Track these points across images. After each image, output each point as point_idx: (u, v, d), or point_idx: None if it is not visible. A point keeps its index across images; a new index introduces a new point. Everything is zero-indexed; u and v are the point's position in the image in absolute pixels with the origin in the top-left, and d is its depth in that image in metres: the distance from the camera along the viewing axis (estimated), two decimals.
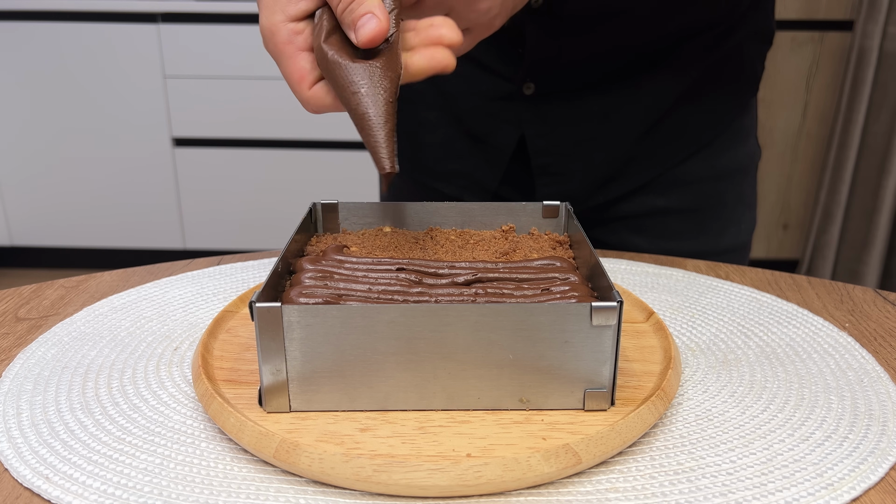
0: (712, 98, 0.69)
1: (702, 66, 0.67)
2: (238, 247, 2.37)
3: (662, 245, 0.73)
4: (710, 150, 0.71)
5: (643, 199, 0.72)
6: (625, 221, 0.74)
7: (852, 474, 0.35)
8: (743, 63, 0.70)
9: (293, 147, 2.25)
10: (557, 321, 0.37)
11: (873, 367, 0.46)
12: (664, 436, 0.39)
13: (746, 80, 0.72)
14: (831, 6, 2.16)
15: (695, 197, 0.72)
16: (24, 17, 2.13)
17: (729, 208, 0.74)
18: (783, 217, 2.37)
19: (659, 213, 0.73)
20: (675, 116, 0.69)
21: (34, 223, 2.36)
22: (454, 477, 0.33)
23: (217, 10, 2.10)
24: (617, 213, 0.74)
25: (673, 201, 0.72)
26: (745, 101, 0.72)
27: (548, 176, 0.71)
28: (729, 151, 0.72)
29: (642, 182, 0.72)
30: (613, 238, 0.74)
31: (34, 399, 0.42)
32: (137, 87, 2.19)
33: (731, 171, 0.73)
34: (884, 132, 2.14)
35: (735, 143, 0.72)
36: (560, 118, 0.69)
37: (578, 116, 0.69)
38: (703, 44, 0.66)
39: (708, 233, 0.74)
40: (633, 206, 0.73)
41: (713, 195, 0.73)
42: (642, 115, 0.69)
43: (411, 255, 0.46)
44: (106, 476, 0.35)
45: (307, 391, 0.38)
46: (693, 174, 0.72)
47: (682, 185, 0.72)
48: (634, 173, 0.71)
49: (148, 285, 0.59)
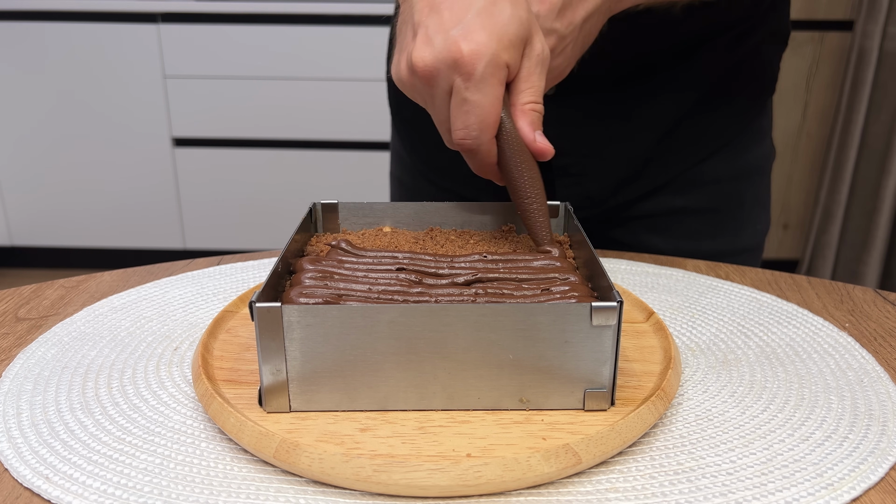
0: (731, 99, 0.69)
1: (722, 66, 0.68)
2: (238, 247, 2.37)
3: (680, 245, 0.73)
4: (728, 151, 0.71)
5: (661, 198, 0.73)
6: (642, 221, 0.74)
7: (852, 474, 0.35)
8: (762, 64, 0.70)
9: (293, 147, 2.25)
10: (557, 321, 0.37)
11: (873, 367, 0.46)
12: (664, 436, 0.39)
13: (764, 81, 0.72)
14: (831, 6, 2.16)
15: (713, 197, 0.73)
16: (25, 17, 2.13)
17: (746, 208, 0.74)
18: (783, 217, 2.37)
19: (677, 212, 0.73)
20: (695, 117, 0.69)
21: (34, 223, 2.36)
22: (454, 477, 0.33)
23: (217, 10, 2.10)
24: (635, 213, 0.74)
25: (691, 201, 0.72)
26: (763, 101, 0.73)
27: (569, 177, 0.71)
28: (747, 152, 0.72)
29: (661, 182, 0.72)
30: (631, 238, 0.75)
31: (34, 399, 0.42)
32: (137, 87, 2.19)
33: (749, 172, 0.73)
34: (884, 132, 2.14)
35: (752, 144, 0.73)
36: (581, 119, 0.69)
37: (599, 117, 0.69)
38: (723, 45, 0.67)
39: (725, 233, 0.74)
40: (652, 206, 0.73)
41: (731, 195, 0.73)
42: (662, 116, 0.69)
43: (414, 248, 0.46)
44: (106, 476, 0.35)
45: (307, 391, 0.38)
46: (711, 174, 0.72)
47: (701, 185, 0.72)
48: (654, 173, 0.71)
49: (148, 285, 0.59)
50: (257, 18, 2.10)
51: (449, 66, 0.43)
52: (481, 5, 0.43)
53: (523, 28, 0.44)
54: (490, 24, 0.43)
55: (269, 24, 2.10)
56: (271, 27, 2.10)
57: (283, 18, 2.09)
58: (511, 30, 0.43)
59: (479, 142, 0.45)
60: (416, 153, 0.79)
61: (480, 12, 0.43)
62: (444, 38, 0.43)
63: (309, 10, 2.07)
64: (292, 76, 2.15)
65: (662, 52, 0.66)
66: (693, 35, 0.66)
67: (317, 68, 2.14)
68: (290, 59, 2.13)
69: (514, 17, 0.44)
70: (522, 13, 0.44)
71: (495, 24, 0.43)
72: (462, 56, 0.42)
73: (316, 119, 2.20)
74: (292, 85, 2.16)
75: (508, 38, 0.43)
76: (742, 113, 0.71)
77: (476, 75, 0.42)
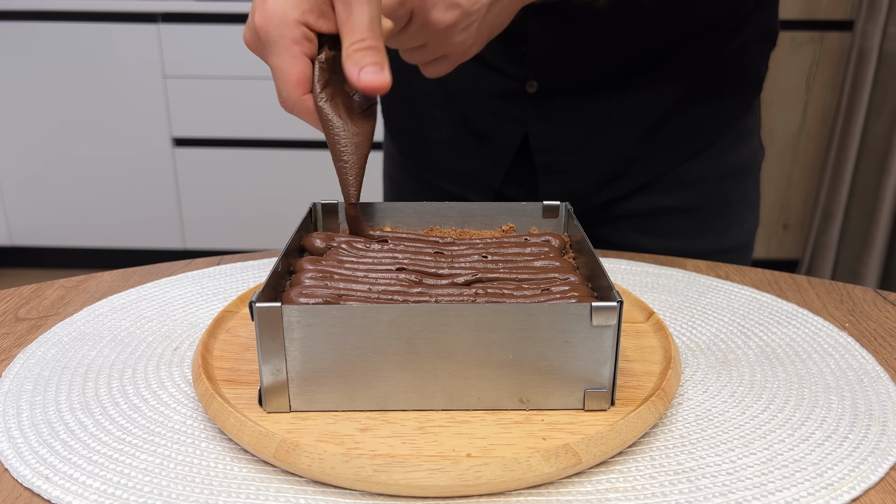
0: (716, 98, 0.69)
1: (706, 65, 0.67)
2: (238, 247, 2.37)
3: (666, 244, 0.73)
4: (713, 150, 0.71)
5: (647, 198, 0.73)
6: (628, 220, 0.74)
7: (852, 474, 0.35)
8: (747, 63, 0.70)
9: (293, 147, 2.25)
10: (557, 321, 0.37)
11: (873, 367, 0.46)
12: (664, 436, 0.39)
13: (750, 81, 0.72)
14: (831, 6, 2.16)
15: (698, 196, 0.72)
16: (25, 17, 2.13)
17: (732, 208, 0.74)
18: (783, 217, 2.37)
19: (662, 212, 0.73)
20: (679, 116, 0.69)
21: (34, 223, 2.36)
22: (454, 477, 0.33)
23: (217, 10, 2.10)
24: (620, 212, 0.74)
25: (676, 200, 0.72)
26: (748, 101, 0.72)
27: (551, 174, 0.71)
28: (732, 151, 0.72)
29: (646, 181, 0.72)
30: (617, 237, 0.75)
31: (34, 399, 0.42)
32: (137, 87, 2.19)
33: (735, 171, 0.73)
34: (884, 132, 2.14)
35: (738, 143, 0.73)
36: (563, 116, 0.69)
37: (582, 114, 0.69)
38: (707, 43, 0.67)
39: (711, 232, 0.74)
40: (637, 205, 0.73)
41: (716, 194, 0.73)
42: (646, 114, 0.69)
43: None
44: (106, 476, 0.35)
45: (307, 391, 0.38)
46: (696, 173, 0.72)
47: (686, 185, 0.72)
48: (638, 172, 0.71)
49: (148, 285, 0.59)
50: None
51: (255, 38, 0.44)
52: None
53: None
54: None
55: None
56: None
57: None
58: None
59: (290, 102, 0.44)
60: (405, 151, 0.79)
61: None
62: (251, 12, 0.44)
63: None
64: None
65: (645, 51, 0.66)
66: (677, 33, 0.65)
67: None
68: None
69: None
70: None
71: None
72: (256, 26, 0.43)
73: None
74: None
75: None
76: (727, 112, 0.71)
77: (270, 41, 0.43)
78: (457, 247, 0.47)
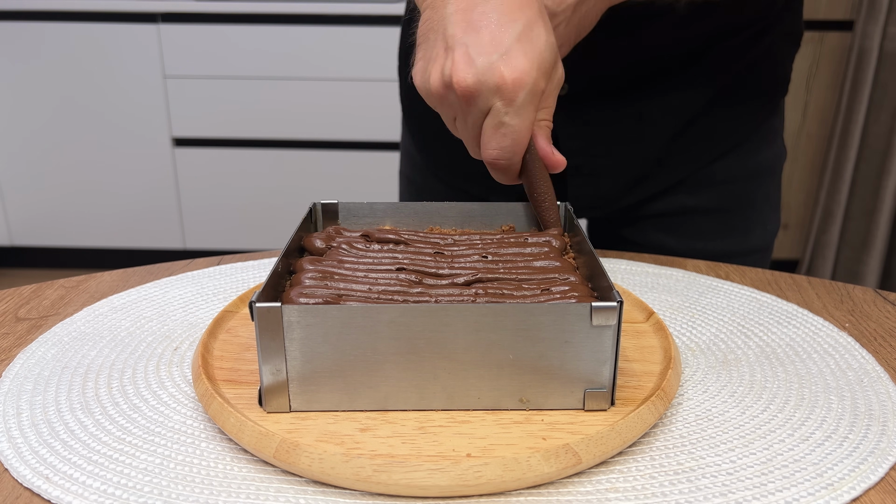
0: (744, 99, 0.69)
1: (735, 67, 0.68)
2: (238, 247, 2.37)
3: (691, 244, 0.73)
4: (740, 151, 0.72)
5: (673, 198, 0.73)
6: (653, 220, 0.74)
7: (852, 474, 0.35)
8: (774, 64, 0.70)
9: (293, 147, 2.25)
10: (557, 321, 0.37)
11: (873, 367, 0.46)
12: (664, 436, 0.39)
13: (777, 82, 0.72)
14: (831, 6, 2.16)
15: (724, 197, 0.73)
16: (25, 17, 2.13)
17: (757, 209, 0.74)
18: (783, 217, 2.37)
19: (688, 212, 0.73)
20: (708, 117, 0.69)
21: (34, 223, 2.36)
22: (454, 477, 0.33)
23: (217, 10, 2.10)
24: (646, 212, 0.74)
25: (702, 201, 0.72)
26: (775, 102, 0.73)
27: (581, 176, 0.71)
28: (759, 152, 0.72)
29: (673, 182, 0.72)
30: (641, 236, 0.75)
31: (34, 399, 0.42)
32: (137, 87, 2.19)
33: (760, 172, 0.73)
34: (884, 132, 2.14)
35: (764, 144, 0.73)
36: (594, 118, 0.69)
37: (612, 117, 0.69)
38: (736, 45, 0.67)
39: (735, 233, 0.74)
40: (663, 206, 0.73)
41: (742, 195, 0.73)
42: (676, 116, 0.69)
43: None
44: (106, 476, 0.35)
45: (307, 391, 0.38)
46: (723, 174, 0.72)
47: (712, 185, 0.72)
48: (666, 173, 0.71)
49: (148, 285, 0.59)
50: (257, 18, 2.10)
51: (491, 89, 0.45)
52: (520, 30, 0.45)
53: (554, 54, 0.47)
54: (531, 51, 0.45)
55: (269, 24, 2.10)
56: (271, 27, 2.10)
57: (283, 18, 2.09)
58: (547, 57, 0.46)
59: (511, 161, 0.48)
60: (426, 151, 0.79)
61: (520, 38, 0.45)
62: (487, 62, 0.45)
63: (309, 10, 2.07)
64: (292, 76, 2.15)
65: (676, 53, 0.66)
66: (706, 35, 0.65)
67: (316, 68, 2.14)
68: (291, 59, 2.13)
69: (549, 45, 0.46)
70: (552, 38, 0.47)
71: (535, 51, 0.45)
72: (506, 83, 0.45)
73: (316, 119, 2.20)
74: (292, 85, 2.16)
75: (545, 66, 0.46)
76: (755, 113, 0.71)
77: (517, 102, 0.45)
78: (457, 247, 0.47)
